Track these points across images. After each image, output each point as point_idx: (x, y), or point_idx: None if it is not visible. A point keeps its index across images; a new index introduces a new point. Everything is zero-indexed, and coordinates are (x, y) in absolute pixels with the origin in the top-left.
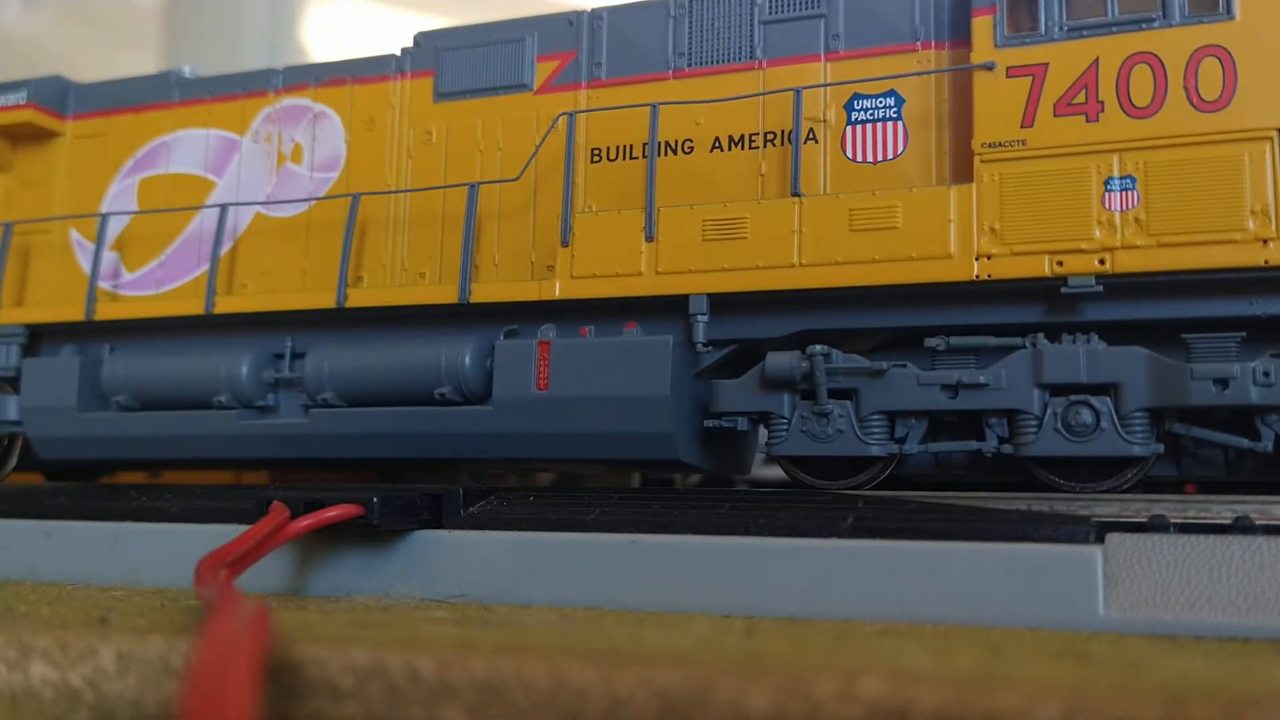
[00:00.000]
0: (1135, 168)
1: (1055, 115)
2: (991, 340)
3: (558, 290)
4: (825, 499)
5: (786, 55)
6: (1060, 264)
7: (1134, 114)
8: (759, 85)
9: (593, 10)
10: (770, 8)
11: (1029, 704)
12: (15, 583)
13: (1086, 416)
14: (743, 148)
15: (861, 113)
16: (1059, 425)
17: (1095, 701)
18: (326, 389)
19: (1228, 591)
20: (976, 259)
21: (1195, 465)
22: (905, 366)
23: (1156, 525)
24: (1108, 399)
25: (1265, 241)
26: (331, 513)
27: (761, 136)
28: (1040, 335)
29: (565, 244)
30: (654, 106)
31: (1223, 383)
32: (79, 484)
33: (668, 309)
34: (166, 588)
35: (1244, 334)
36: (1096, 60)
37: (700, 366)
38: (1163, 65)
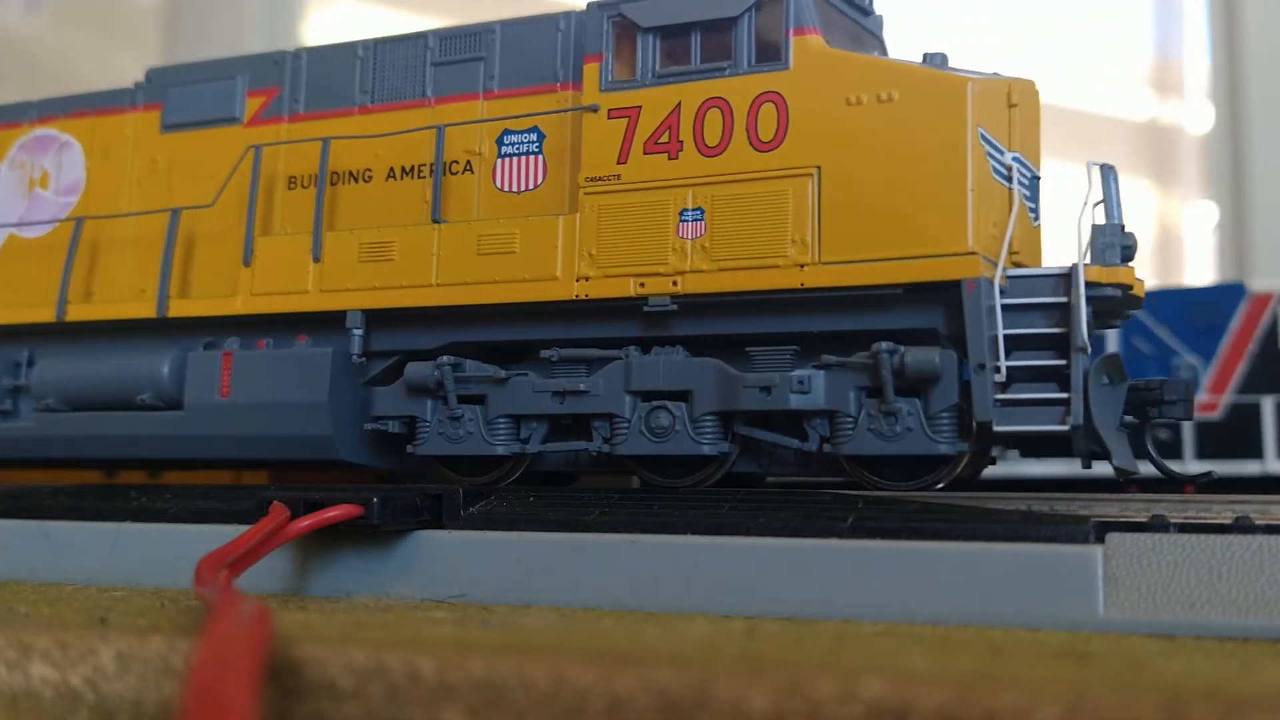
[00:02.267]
0: (704, 201)
1: (644, 153)
2: (595, 352)
3: (239, 306)
4: (825, 499)
5: (452, 94)
6: (642, 285)
7: (706, 153)
8: (430, 121)
9: (295, 50)
10: (440, 50)
11: (1029, 704)
12: (15, 583)
13: (665, 419)
14: (413, 177)
15: (510, 147)
16: (643, 427)
17: (1095, 702)
18: (50, 395)
19: (1228, 591)
20: (577, 280)
21: (772, 464)
22: (526, 375)
23: (1156, 525)
24: (683, 404)
25: (802, 266)
26: (332, 513)
27: (429, 167)
28: (635, 348)
29: (247, 264)
30: (325, 141)
31: (766, 390)
32: (79, 484)
33: (333, 323)
34: (166, 588)
35: (798, 347)
36: (679, 104)
37: (369, 375)
38: (731, 109)
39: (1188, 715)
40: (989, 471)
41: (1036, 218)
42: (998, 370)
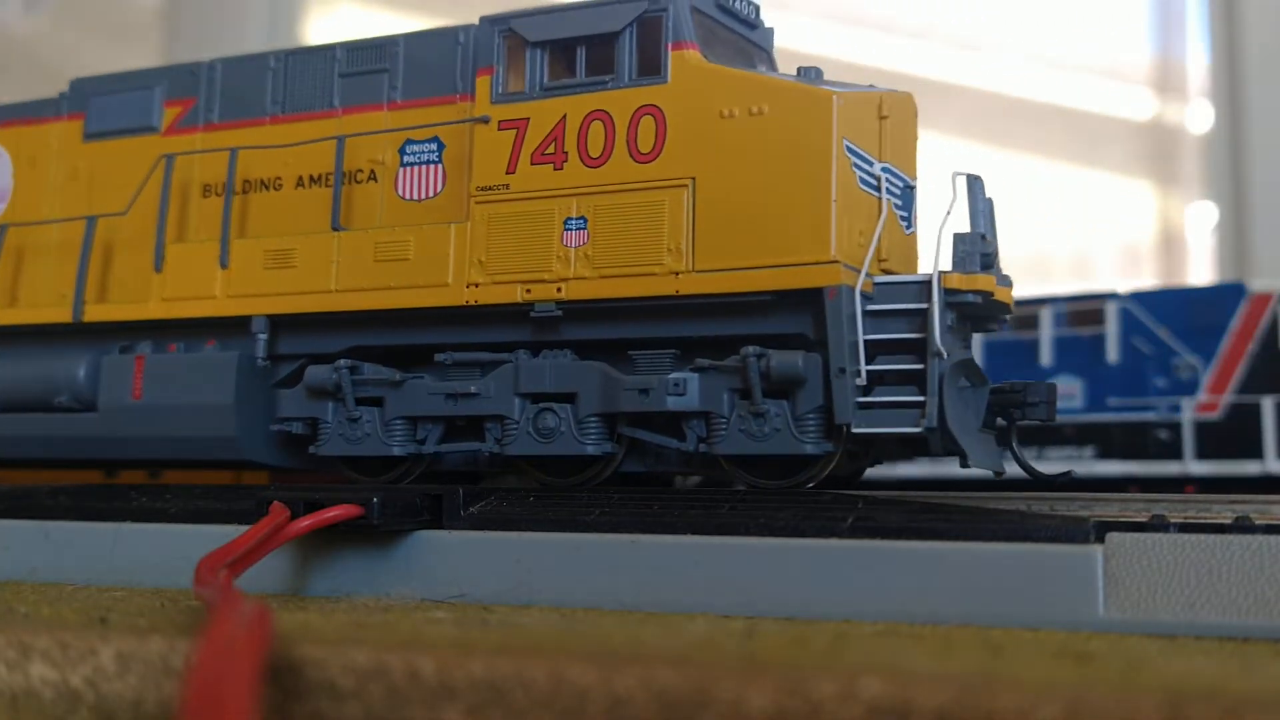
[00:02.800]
0: (587, 210)
1: (532, 164)
2: (485, 356)
3: (151, 311)
4: (825, 499)
5: (358, 104)
6: (529, 291)
7: (589, 164)
8: (336, 131)
9: (210, 62)
10: (347, 62)
11: (1029, 704)
12: (15, 583)
13: (551, 421)
14: (320, 185)
15: (412, 156)
16: (531, 429)
17: (1095, 702)
18: None
19: (1228, 591)
20: (467, 286)
21: (658, 463)
22: (421, 378)
23: (1156, 525)
24: (569, 406)
25: (677, 274)
26: (332, 513)
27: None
28: (524, 352)
29: (159, 270)
30: (233, 151)
31: (645, 392)
32: (79, 484)
33: (240, 328)
34: (166, 588)
35: (678, 351)
36: (565, 117)
37: (277, 378)
38: (613, 121)
39: (1188, 715)
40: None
41: (910, 226)
42: (858, 374)
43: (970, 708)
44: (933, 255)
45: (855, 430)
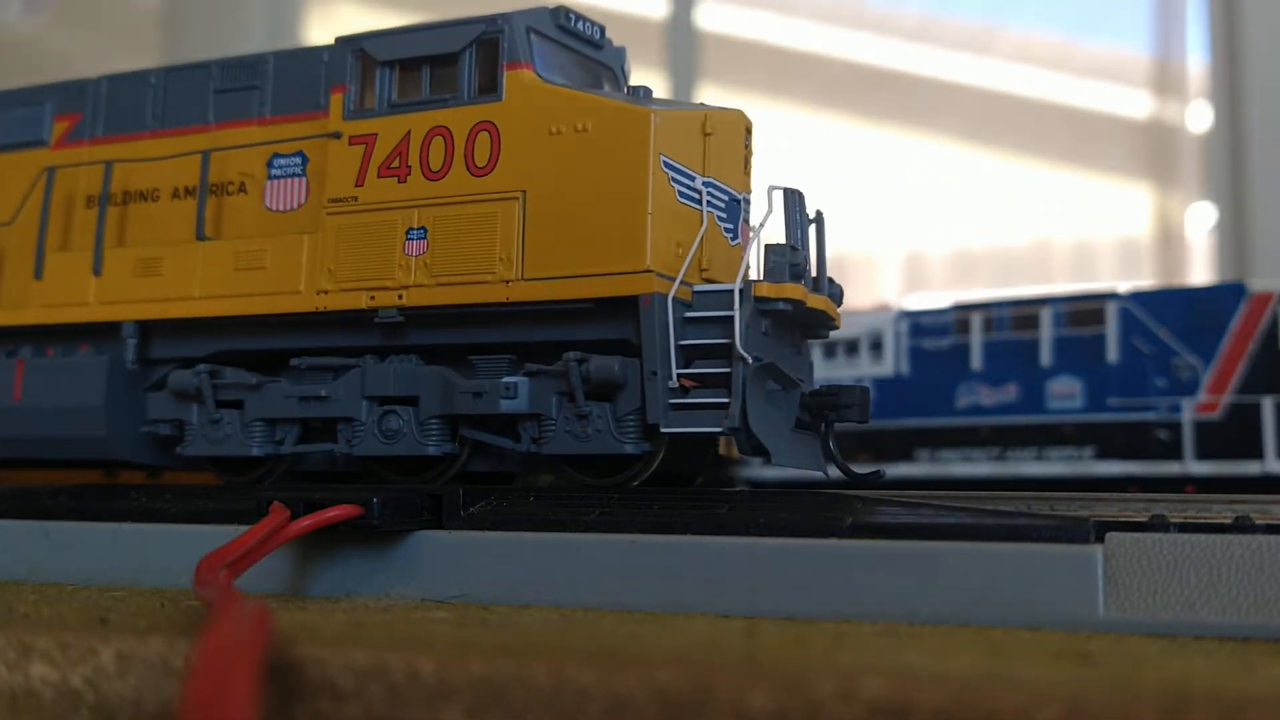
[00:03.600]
0: (427, 221)
1: (378, 177)
2: (334, 361)
3: (30, 317)
4: (824, 499)
5: (230, 119)
6: (373, 298)
7: (430, 177)
8: (210, 144)
9: (97, 78)
10: (221, 79)
11: (1029, 704)
12: (15, 583)
13: (395, 423)
14: (194, 197)
15: (278, 169)
16: (377, 430)
17: (1095, 702)
18: None
19: (1227, 591)
20: (317, 294)
21: (501, 463)
22: (278, 382)
23: (1156, 525)
24: (411, 409)
25: (508, 282)
26: (332, 513)
27: (213, 188)
28: (372, 356)
29: (39, 277)
30: (107, 165)
31: (479, 395)
32: (79, 485)
33: (114, 334)
34: (166, 588)
35: (514, 356)
36: (409, 132)
37: (150, 381)
38: (452, 137)
39: (1187, 715)
40: (986, 472)
41: (735, 237)
42: (670, 377)
43: (970, 707)
44: (743, 266)
45: (664, 430)
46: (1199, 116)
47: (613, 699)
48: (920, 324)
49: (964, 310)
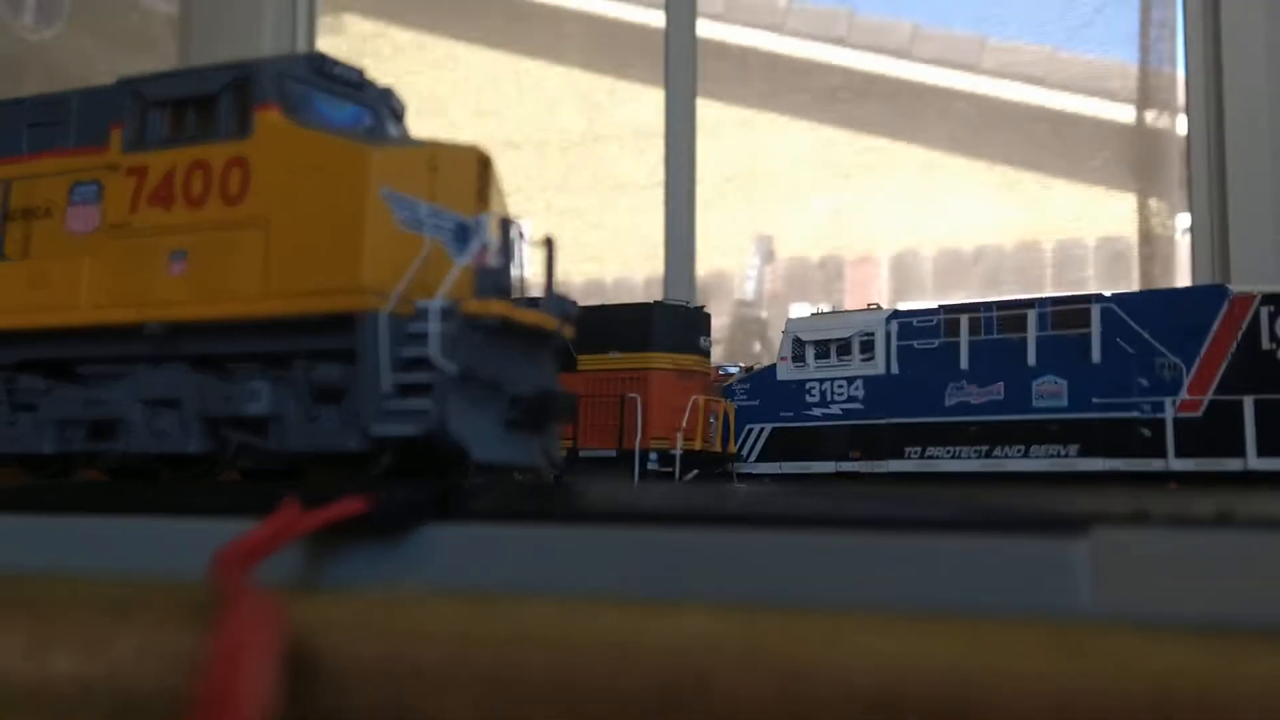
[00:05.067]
0: (188, 244)
1: (149, 205)
2: (112, 368)
3: None
4: (821, 491)
5: (40, 150)
6: (142, 313)
7: (191, 206)
8: (22, 173)
9: None
10: (34, 114)
11: (1018, 696)
12: (32, 576)
13: (163, 423)
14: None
15: (78, 196)
16: (149, 430)
17: (1084, 694)
18: None
19: (1214, 584)
20: (96, 308)
21: (262, 459)
22: (67, 387)
23: (1143, 518)
24: (176, 411)
25: (255, 299)
26: (343, 507)
27: (19, 212)
28: (147, 364)
29: None
30: None
31: (230, 398)
32: (94, 479)
33: None
34: (182, 581)
35: (266, 363)
36: (175, 166)
37: None
38: (211, 171)
39: (1175, 706)
40: (974, 468)
41: (463, 258)
42: (379, 384)
43: (960, 700)
44: (445, 285)
45: (373, 433)
46: (1182, 123)
47: (616, 690)
48: (910, 325)
49: (953, 312)
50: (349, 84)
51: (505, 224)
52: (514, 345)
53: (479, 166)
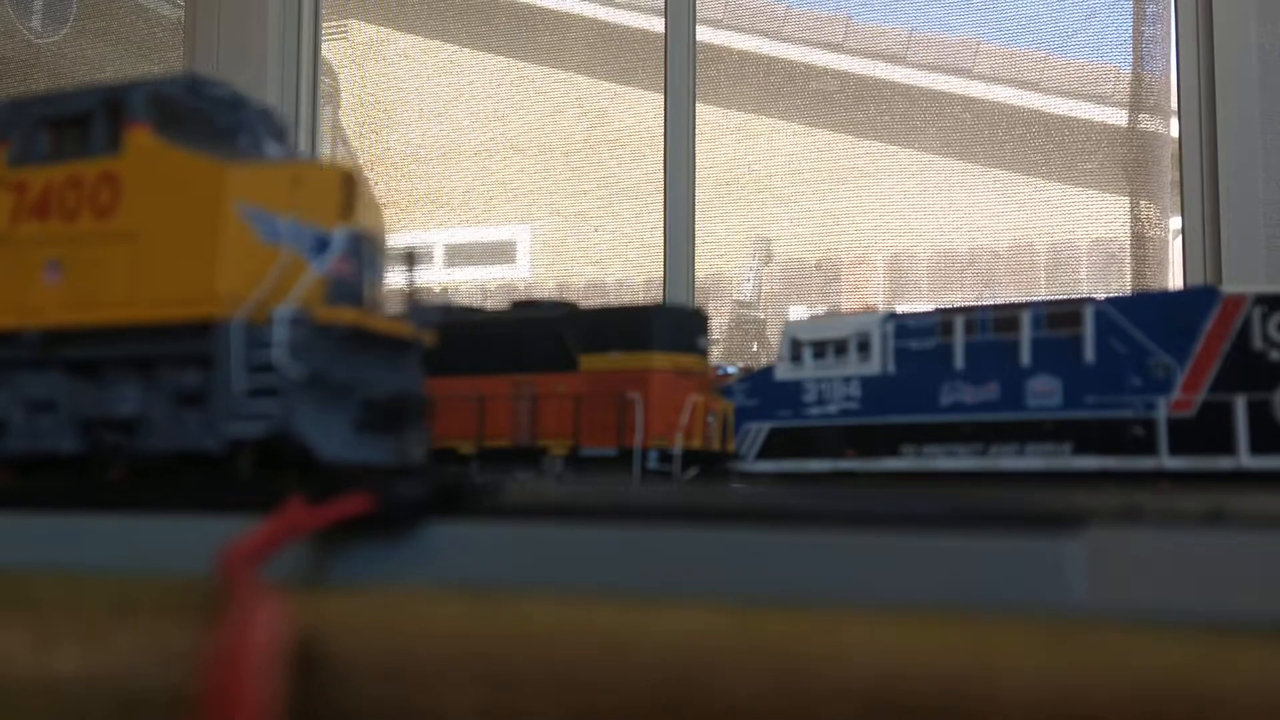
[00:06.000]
0: (61, 255)
1: (29, 218)
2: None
3: None
4: (820, 491)
5: None
6: (18, 320)
7: (66, 219)
8: None
9: None
10: None
11: (1013, 691)
12: (35, 573)
13: (40, 425)
14: None
15: None
16: (29, 430)
17: (1078, 689)
18: None
19: (1206, 581)
20: None
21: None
22: None
23: (1136, 515)
24: (54, 412)
25: (123, 306)
26: (350, 504)
27: None
28: (28, 368)
29: None
30: None
31: (101, 401)
32: (97, 477)
33: None
34: (186, 577)
35: (138, 367)
36: (52, 180)
37: None
38: (85, 186)
39: (1168, 702)
40: (969, 466)
41: (321, 268)
42: (231, 389)
43: (956, 695)
44: (292, 295)
45: (225, 435)
46: (1175, 127)
47: (617, 687)
48: (906, 326)
49: (948, 313)
50: (225, 104)
51: (362, 237)
52: (376, 351)
53: (342, 183)
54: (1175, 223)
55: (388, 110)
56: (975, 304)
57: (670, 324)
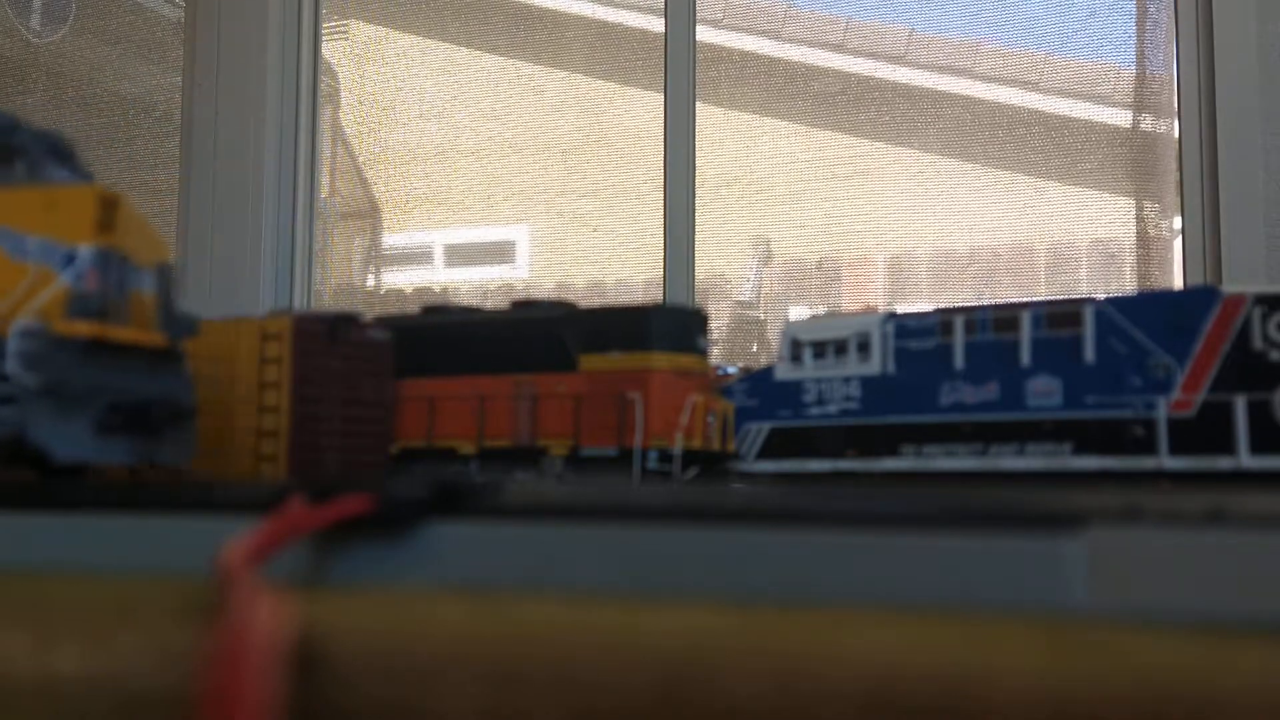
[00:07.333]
0: None
1: None
2: None
3: None
4: (820, 491)
5: None
6: None
7: None
8: None
9: None
10: None
11: (1013, 691)
12: (35, 573)
13: None
14: None
15: None
16: None
17: (1078, 689)
18: None
19: (1208, 581)
20: None
21: None
22: None
23: (1137, 515)
24: None
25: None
26: (350, 504)
27: None
28: None
29: None
30: None
31: None
32: (96, 477)
33: None
34: (186, 578)
35: None
36: None
37: None
38: None
39: (1169, 702)
40: (969, 466)
41: (60, 282)
42: None
43: (955, 695)
44: (34, 306)
45: None
46: (1176, 127)
47: (618, 687)
48: (906, 326)
49: (948, 313)
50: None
51: (113, 254)
52: (131, 359)
53: (99, 205)
54: (1176, 222)
55: (387, 110)
56: (975, 304)
57: (670, 324)
